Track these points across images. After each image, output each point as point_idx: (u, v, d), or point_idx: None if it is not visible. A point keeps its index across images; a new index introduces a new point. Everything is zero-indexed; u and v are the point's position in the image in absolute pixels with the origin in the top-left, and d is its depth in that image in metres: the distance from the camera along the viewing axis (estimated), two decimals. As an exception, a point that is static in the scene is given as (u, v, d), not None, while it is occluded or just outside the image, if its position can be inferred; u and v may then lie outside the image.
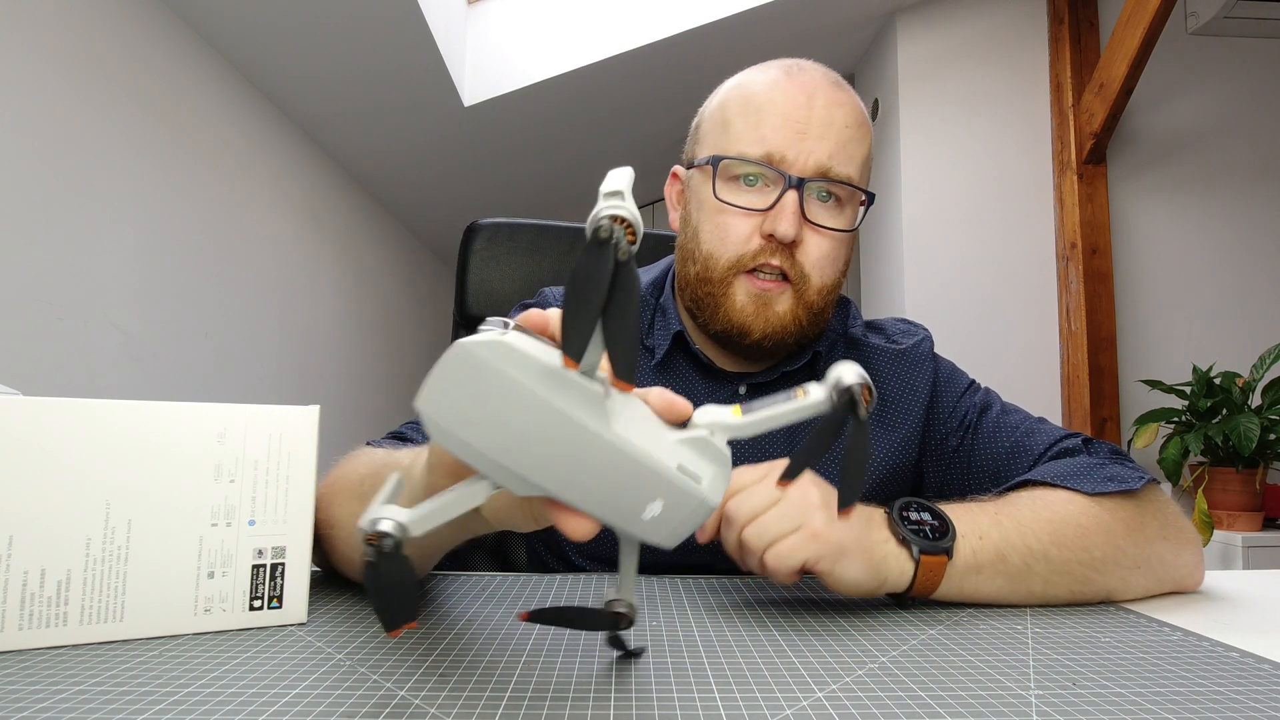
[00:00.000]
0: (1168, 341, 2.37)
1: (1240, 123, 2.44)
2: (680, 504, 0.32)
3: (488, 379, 0.30)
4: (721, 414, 0.34)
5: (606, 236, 0.28)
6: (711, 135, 0.69)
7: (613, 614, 0.37)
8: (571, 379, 0.30)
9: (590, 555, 0.70)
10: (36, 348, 1.32)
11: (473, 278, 0.99)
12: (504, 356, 0.30)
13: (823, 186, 0.65)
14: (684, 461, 0.32)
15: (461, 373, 0.30)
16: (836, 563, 0.49)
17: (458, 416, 0.31)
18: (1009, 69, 2.47)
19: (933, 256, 2.41)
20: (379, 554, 0.31)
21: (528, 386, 0.30)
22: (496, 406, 0.30)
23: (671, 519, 0.32)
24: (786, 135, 0.64)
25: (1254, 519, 1.94)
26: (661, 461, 0.31)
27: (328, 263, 2.65)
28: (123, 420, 0.42)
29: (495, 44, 2.48)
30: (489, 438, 0.31)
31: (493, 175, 3.17)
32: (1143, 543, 0.57)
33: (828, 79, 0.67)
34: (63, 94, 1.38)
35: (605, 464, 0.31)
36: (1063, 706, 0.34)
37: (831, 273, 0.66)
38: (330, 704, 0.34)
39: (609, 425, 0.31)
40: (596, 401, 0.31)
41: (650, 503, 0.31)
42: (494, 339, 0.30)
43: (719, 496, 0.32)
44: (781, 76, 0.67)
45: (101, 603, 0.41)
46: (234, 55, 1.94)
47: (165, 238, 1.70)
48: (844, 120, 0.65)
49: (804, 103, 0.64)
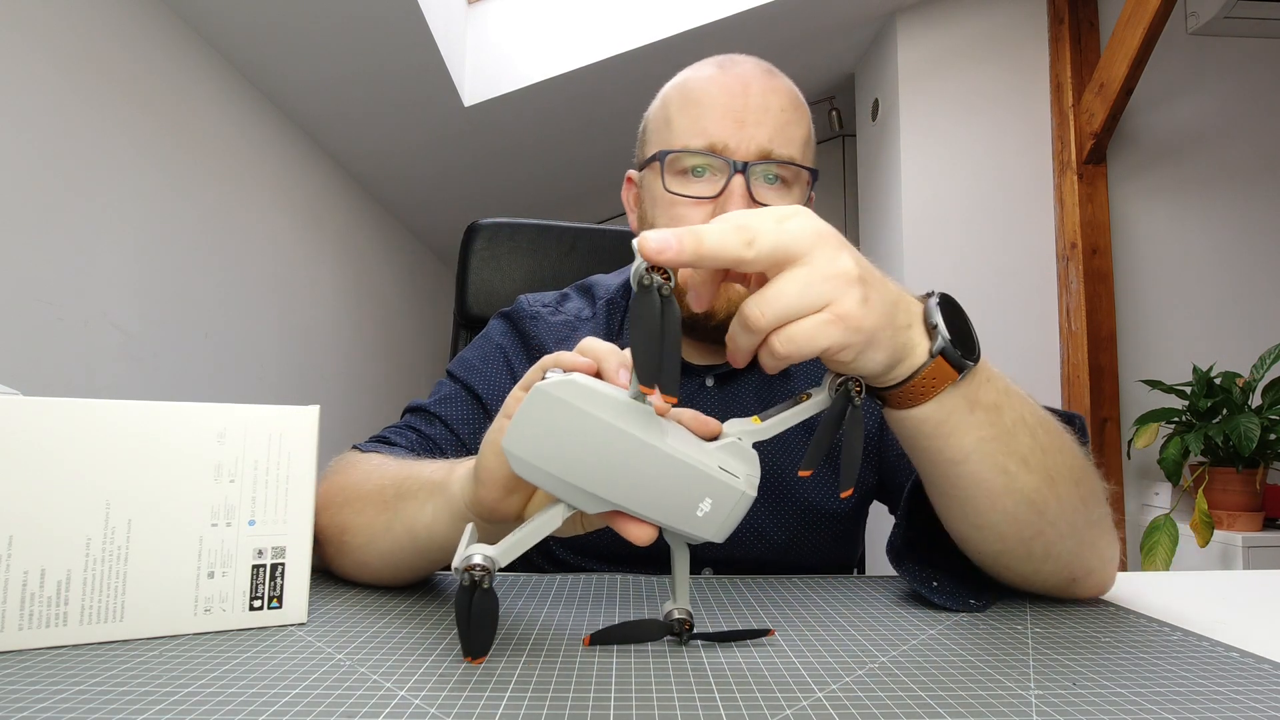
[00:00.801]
0: (1168, 341, 2.37)
1: (1240, 123, 2.44)
2: (725, 499, 0.38)
3: (566, 414, 0.36)
4: (745, 424, 0.41)
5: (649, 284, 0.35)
6: (656, 134, 0.72)
7: (669, 623, 0.42)
8: (628, 404, 0.37)
9: (578, 550, 0.72)
10: (36, 348, 1.32)
11: (473, 278, 0.99)
12: (578, 394, 0.37)
13: (767, 169, 0.67)
14: (723, 463, 0.39)
15: (543, 412, 0.36)
16: (860, 353, 0.40)
17: (540, 451, 0.37)
18: (1009, 69, 2.47)
19: (933, 256, 2.41)
20: (475, 585, 0.37)
21: (598, 416, 0.36)
22: (573, 437, 0.37)
23: (719, 513, 0.38)
24: (726, 125, 0.66)
25: (1254, 519, 1.94)
26: (707, 464, 0.38)
27: (328, 263, 2.64)
28: (123, 420, 0.42)
29: (495, 44, 2.47)
30: (567, 465, 0.37)
31: (493, 175, 3.17)
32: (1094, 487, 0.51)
33: (760, 68, 0.70)
34: (63, 94, 1.38)
35: (663, 473, 0.37)
36: (1063, 706, 0.34)
37: None
38: (330, 704, 0.34)
39: (663, 438, 0.37)
40: (649, 418, 0.37)
41: (701, 501, 0.38)
42: (567, 380, 0.37)
43: (754, 489, 0.39)
44: (716, 71, 0.70)
45: (101, 603, 0.41)
46: (234, 55, 1.94)
47: (165, 237, 1.70)
48: (779, 104, 0.68)
49: (740, 92, 0.67)
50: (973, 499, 0.48)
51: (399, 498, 0.52)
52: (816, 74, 2.84)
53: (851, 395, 0.41)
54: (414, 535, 0.50)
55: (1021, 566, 0.51)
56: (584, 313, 0.80)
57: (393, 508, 0.52)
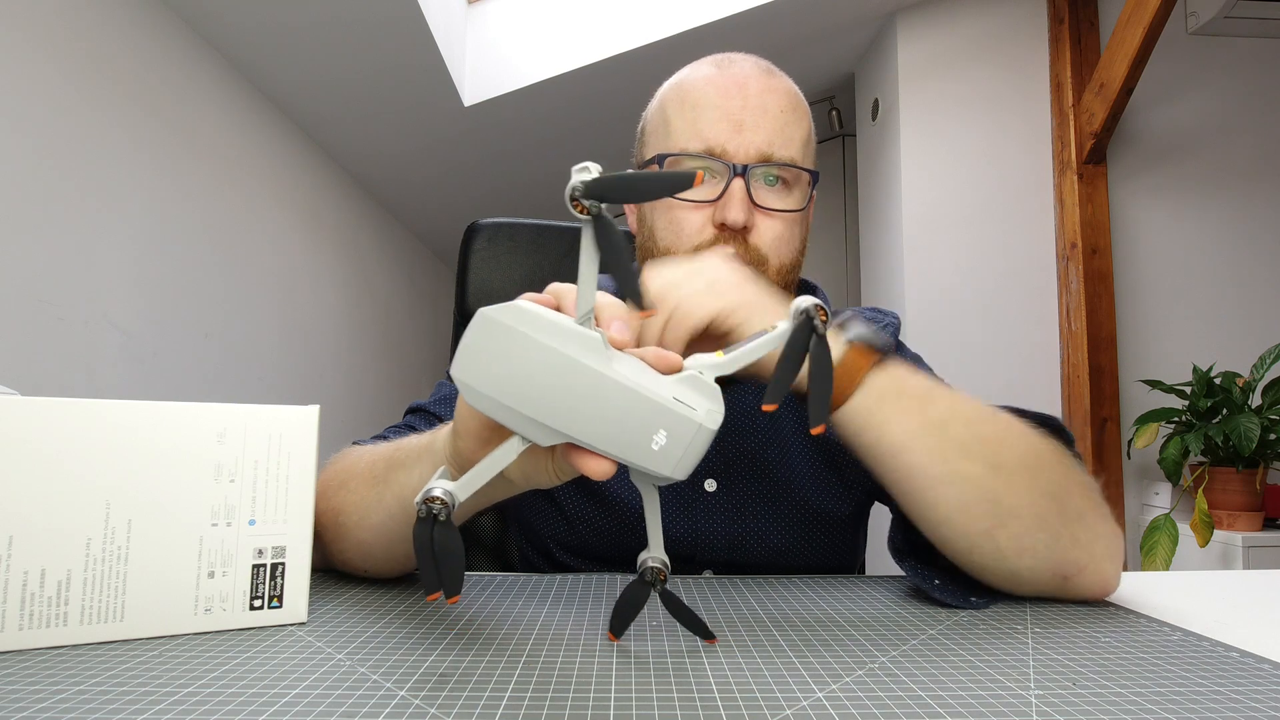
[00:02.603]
0: (1168, 341, 2.37)
1: (1241, 123, 2.44)
2: (681, 431, 0.37)
3: (508, 338, 0.36)
4: (708, 357, 0.40)
5: (580, 210, 0.35)
6: (654, 136, 0.70)
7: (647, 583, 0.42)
8: (575, 330, 0.36)
9: (575, 551, 0.71)
10: (36, 348, 1.32)
11: (473, 278, 0.99)
12: (518, 317, 0.36)
13: (767, 171, 0.66)
14: (679, 395, 0.37)
15: (486, 336, 0.36)
16: (750, 319, 0.47)
17: (487, 377, 0.36)
18: (1009, 69, 2.47)
19: (933, 256, 2.41)
20: (432, 516, 0.36)
21: (540, 340, 0.36)
22: (518, 362, 0.36)
23: (676, 447, 0.37)
24: (724, 127, 0.65)
25: (1254, 519, 1.94)
26: (660, 393, 0.37)
27: (328, 263, 2.64)
28: (123, 420, 0.42)
29: (495, 44, 2.47)
30: (515, 392, 0.36)
31: (493, 175, 3.17)
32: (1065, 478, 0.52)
33: (758, 68, 0.69)
34: (63, 94, 1.38)
35: (612, 401, 0.36)
36: (1063, 706, 0.34)
37: (788, 252, 0.67)
38: (330, 704, 0.34)
39: (611, 365, 0.36)
40: (598, 346, 0.36)
41: (655, 433, 0.37)
42: (512, 305, 0.36)
43: (715, 423, 0.38)
44: (713, 71, 0.68)
45: (101, 603, 0.41)
46: (234, 55, 1.94)
47: (165, 238, 1.70)
48: (778, 105, 0.67)
49: (737, 93, 0.66)
50: (919, 489, 0.50)
51: (390, 469, 0.53)
52: (816, 74, 2.84)
53: (815, 323, 0.39)
54: (404, 502, 0.50)
55: (998, 565, 0.51)
56: None
57: (384, 480, 0.53)
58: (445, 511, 0.36)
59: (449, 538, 0.36)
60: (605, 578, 0.61)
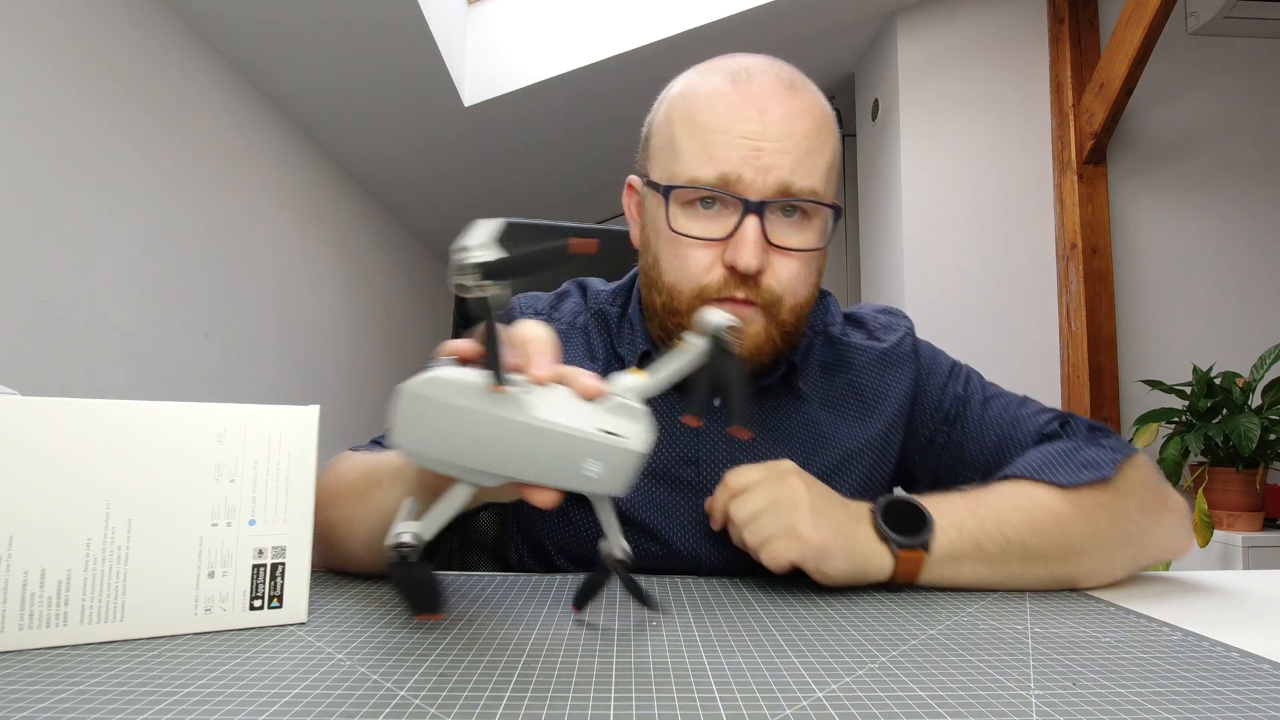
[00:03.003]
0: (1168, 341, 2.37)
1: (1241, 123, 2.44)
2: (612, 458, 0.39)
3: (432, 409, 0.39)
4: (633, 380, 0.43)
5: (466, 288, 0.37)
6: (661, 154, 0.64)
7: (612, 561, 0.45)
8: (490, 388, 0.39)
9: (570, 555, 0.71)
10: (36, 348, 1.32)
11: (473, 278, 0.98)
12: (437, 389, 0.39)
13: (786, 203, 0.60)
14: (604, 425, 0.40)
15: (413, 409, 0.39)
16: (820, 561, 0.53)
17: (423, 443, 0.39)
18: (1009, 69, 2.47)
19: (933, 256, 2.41)
20: (403, 560, 0.39)
21: (462, 405, 0.38)
22: (447, 427, 0.39)
23: (611, 472, 0.40)
24: (740, 154, 0.59)
25: (1254, 519, 1.94)
26: (583, 429, 0.39)
27: (328, 263, 2.64)
28: (123, 420, 0.42)
29: (495, 44, 2.47)
30: (451, 450, 0.39)
31: (493, 175, 3.17)
32: (1122, 521, 0.59)
33: (780, 83, 0.61)
34: (63, 94, 1.38)
35: (540, 445, 0.39)
36: (1063, 706, 0.34)
37: (804, 290, 0.63)
38: (330, 704, 0.34)
39: (532, 414, 0.39)
40: (515, 399, 0.39)
41: (585, 462, 0.39)
42: (427, 377, 0.39)
43: (644, 445, 0.40)
44: (728, 87, 0.61)
45: (101, 603, 0.41)
46: (234, 55, 1.94)
47: (165, 237, 1.70)
48: (803, 130, 0.60)
49: (755, 116, 0.59)
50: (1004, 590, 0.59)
51: (369, 487, 0.55)
52: (816, 74, 2.81)
53: (726, 342, 0.43)
54: (384, 519, 0.51)
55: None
56: (579, 319, 0.75)
57: (365, 498, 0.55)
58: (414, 553, 0.40)
59: (421, 573, 0.40)
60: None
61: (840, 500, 0.58)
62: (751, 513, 0.55)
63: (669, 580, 0.61)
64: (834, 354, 0.74)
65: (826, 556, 0.53)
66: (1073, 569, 0.58)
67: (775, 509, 0.54)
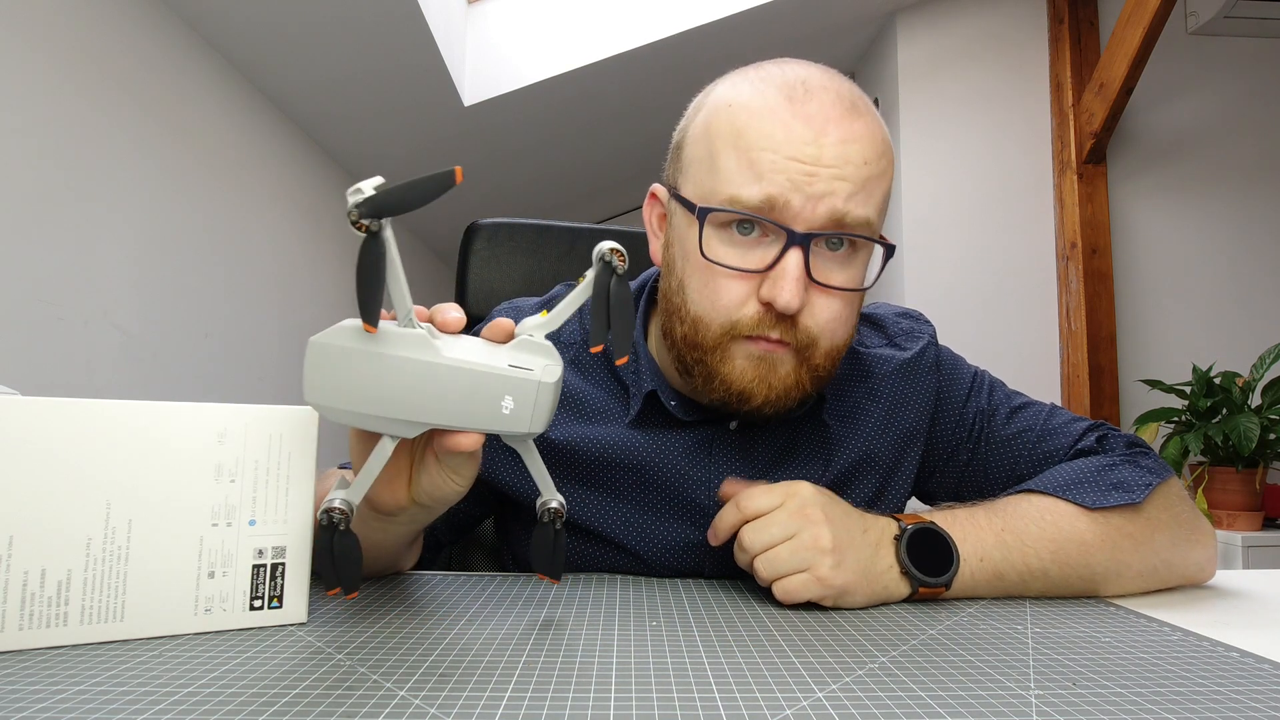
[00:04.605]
0: (1168, 341, 2.37)
1: (1240, 123, 2.44)
2: (525, 392, 0.40)
3: (342, 357, 0.39)
4: (535, 319, 0.44)
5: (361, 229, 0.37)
6: (697, 168, 0.58)
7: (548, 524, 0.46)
8: (399, 332, 0.40)
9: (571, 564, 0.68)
10: (36, 348, 1.32)
11: (473, 278, 0.99)
12: (345, 336, 0.39)
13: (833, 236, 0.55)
14: (513, 360, 0.41)
15: (322, 361, 0.39)
16: (840, 600, 0.52)
17: (335, 395, 0.39)
18: (1009, 69, 2.47)
19: (933, 256, 2.41)
20: (333, 525, 0.40)
21: (370, 350, 0.39)
22: (357, 375, 0.39)
23: (525, 407, 0.41)
24: (791, 177, 0.52)
25: (1254, 519, 1.94)
26: (493, 365, 0.40)
27: (328, 262, 2.64)
28: (123, 420, 0.42)
29: (495, 44, 2.47)
30: (365, 400, 0.39)
31: (493, 175, 3.17)
32: (1150, 553, 0.58)
33: (841, 104, 0.54)
34: (63, 94, 1.38)
35: (452, 383, 0.39)
36: (1063, 706, 0.34)
37: (843, 333, 0.58)
38: (330, 704, 0.34)
39: (442, 353, 0.39)
40: (424, 340, 0.39)
41: (502, 400, 0.40)
42: (335, 327, 0.39)
43: (553, 376, 0.41)
44: (782, 104, 0.54)
45: (102, 603, 0.41)
46: (234, 55, 1.94)
47: (165, 238, 1.70)
48: (862, 156, 0.54)
49: (811, 139, 0.53)
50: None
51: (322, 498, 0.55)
52: (816, 74, 2.83)
53: (614, 267, 0.43)
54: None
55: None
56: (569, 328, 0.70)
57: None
58: (345, 520, 0.40)
59: (349, 544, 0.41)
60: (605, 578, 0.61)
61: (861, 524, 0.54)
62: (767, 543, 0.52)
63: (669, 581, 0.61)
64: (857, 370, 0.70)
65: (846, 596, 0.52)
66: (1092, 592, 0.58)
67: (795, 546, 0.51)
